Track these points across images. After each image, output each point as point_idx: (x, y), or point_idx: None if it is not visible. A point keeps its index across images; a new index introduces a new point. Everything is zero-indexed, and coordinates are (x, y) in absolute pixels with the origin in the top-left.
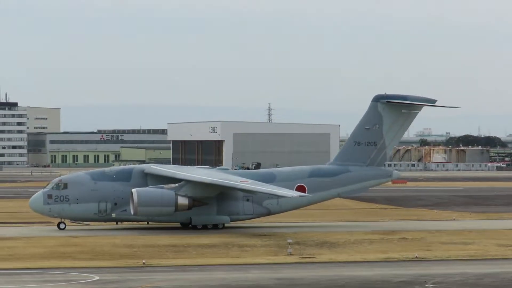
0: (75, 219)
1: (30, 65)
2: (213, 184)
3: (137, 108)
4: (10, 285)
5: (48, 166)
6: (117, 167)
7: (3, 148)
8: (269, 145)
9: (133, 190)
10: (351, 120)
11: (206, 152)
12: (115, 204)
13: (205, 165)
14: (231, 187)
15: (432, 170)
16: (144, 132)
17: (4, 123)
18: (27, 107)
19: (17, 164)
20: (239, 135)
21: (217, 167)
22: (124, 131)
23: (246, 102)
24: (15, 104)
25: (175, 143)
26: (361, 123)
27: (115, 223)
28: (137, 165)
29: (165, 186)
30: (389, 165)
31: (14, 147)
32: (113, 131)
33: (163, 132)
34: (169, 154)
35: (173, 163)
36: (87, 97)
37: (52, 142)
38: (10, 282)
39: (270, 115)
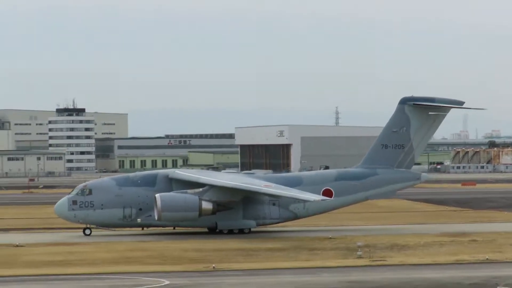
0: (100, 225)
1: (97, 71)
2: (236, 189)
3: (204, 113)
4: None
5: (117, 171)
6: (141, 172)
7: (72, 154)
8: (337, 148)
9: (157, 195)
10: None
11: (274, 156)
12: (140, 209)
13: (272, 169)
14: (254, 191)
15: (501, 172)
16: (212, 136)
17: (72, 129)
18: (95, 112)
19: (86, 170)
20: (306, 138)
21: (243, 172)
22: (191, 136)
23: (313, 105)
24: (83, 110)
25: (242, 147)
26: (388, 126)
27: (141, 228)
28: (162, 170)
29: (189, 191)
30: (458, 167)
31: (82, 152)
32: (181, 136)
33: (231, 136)
34: (236, 159)
35: (241, 168)
36: (154, 102)
37: (120, 147)
38: (81, 287)
39: (337, 118)
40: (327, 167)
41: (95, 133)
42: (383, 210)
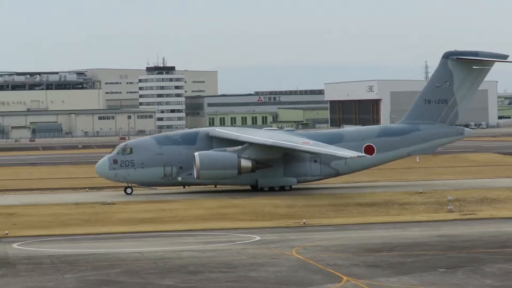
0: (141, 184)
1: (185, 29)
2: (275, 146)
3: (294, 69)
4: (173, 247)
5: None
6: (182, 130)
7: (162, 112)
8: None
9: (196, 153)
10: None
11: (363, 111)
12: (181, 168)
13: (362, 124)
14: (292, 148)
15: None
16: (301, 93)
17: (162, 87)
18: (185, 70)
19: (176, 128)
20: (396, 93)
21: (284, 129)
22: (281, 92)
23: (402, 60)
24: (173, 68)
25: (332, 103)
26: (431, 81)
27: (182, 187)
28: (202, 128)
29: (228, 149)
30: None
31: (172, 110)
32: (270, 93)
33: (320, 92)
34: (326, 114)
35: (331, 124)
36: (243, 59)
37: (210, 105)
38: (173, 243)
39: (426, 73)
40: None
41: (185, 91)
42: (473, 164)
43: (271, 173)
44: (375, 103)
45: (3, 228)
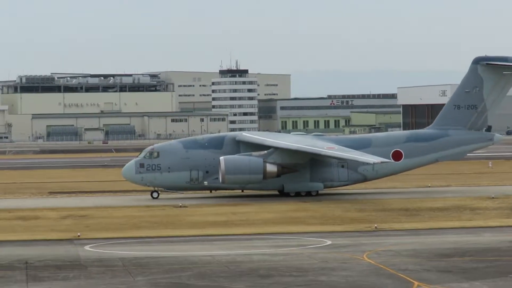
0: (168, 188)
1: (258, 33)
2: (300, 151)
3: (366, 73)
4: (243, 250)
5: (279, 132)
6: (209, 134)
7: (235, 115)
8: (500, 108)
9: (221, 158)
10: None
11: (436, 115)
12: (207, 172)
13: None
14: (317, 153)
15: None
16: (374, 96)
17: (235, 90)
18: (258, 74)
19: (249, 131)
20: None
21: (313, 133)
22: (354, 96)
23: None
24: (246, 71)
25: (405, 107)
26: (461, 86)
27: (209, 191)
28: (229, 132)
29: (254, 153)
30: None
31: (245, 113)
32: (343, 96)
33: (393, 96)
34: (399, 118)
35: (403, 128)
36: (316, 62)
37: (282, 108)
38: (243, 247)
39: None
40: (489, 127)
41: (258, 94)
42: None
43: (298, 178)
44: None
45: (75, 230)
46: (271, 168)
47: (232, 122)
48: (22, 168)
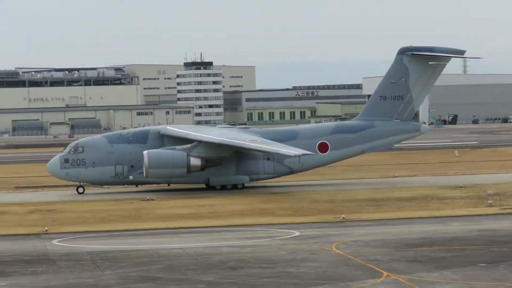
0: (93, 183)
1: (222, 25)
2: (223, 144)
3: (331, 64)
4: (212, 243)
5: (245, 124)
6: (134, 129)
7: (200, 107)
8: (465, 97)
9: (144, 152)
10: None
11: None
12: (132, 166)
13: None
14: (239, 146)
15: None
16: (340, 87)
17: (200, 83)
18: (222, 66)
19: (214, 123)
20: (434, 87)
21: (238, 126)
22: (319, 87)
23: None
24: (210, 63)
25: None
26: (387, 77)
27: (135, 186)
28: (154, 127)
29: (177, 147)
30: None
31: (210, 106)
32: (308, 87)
33: (358, 86)
34: None
35: None
36: (281, 54)
37: (248, 100)
38: (212, 239)
39: (465, 66)
40: (455, 116)
41: (223, 86)
42: None
43: (223, 171)
44: None
45: (43, 225)
46: (194, 161)
47: (198, 114)
48: None
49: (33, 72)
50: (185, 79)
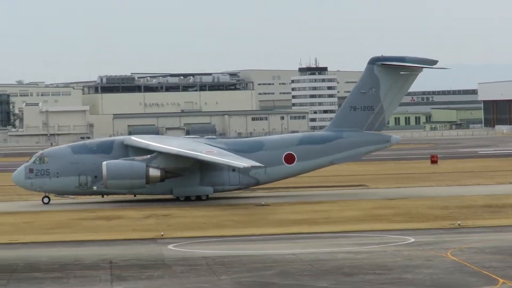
0: (57, 193)
1: (333, 29)
2: (180, 155)
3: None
4: (327, 248)
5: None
6: (98, 139)
7: (315, 112)
8: None
9: (103, 163)
10: None
11: None
12: (95, 177)
13: None
14: (194, 157)
15: None
16: (455, 92)
17: (315, 88)
18: (337, 71)
19: None
20: None
21: (206, 137)
22: (434, 92)
23: None
24: (325, 69)
25: (486, 103)
26: (357, 87)
27: (100, 196)
28: (118, 137)
29: (137, 158)
30: None
31: (325, 111)
32: (423, 93)
33: (474, 92)
34: (480, 114)
35: (484, 124)
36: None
37: None
38: (327, 245)
39: None
40: None
41: (338, 91)
42: None
43: (186, 182)
44: None
45: (159, 230)
46: (154, 172)
47: (313, 119)
48: None
49: (148, 78)
50: (300, 84)
